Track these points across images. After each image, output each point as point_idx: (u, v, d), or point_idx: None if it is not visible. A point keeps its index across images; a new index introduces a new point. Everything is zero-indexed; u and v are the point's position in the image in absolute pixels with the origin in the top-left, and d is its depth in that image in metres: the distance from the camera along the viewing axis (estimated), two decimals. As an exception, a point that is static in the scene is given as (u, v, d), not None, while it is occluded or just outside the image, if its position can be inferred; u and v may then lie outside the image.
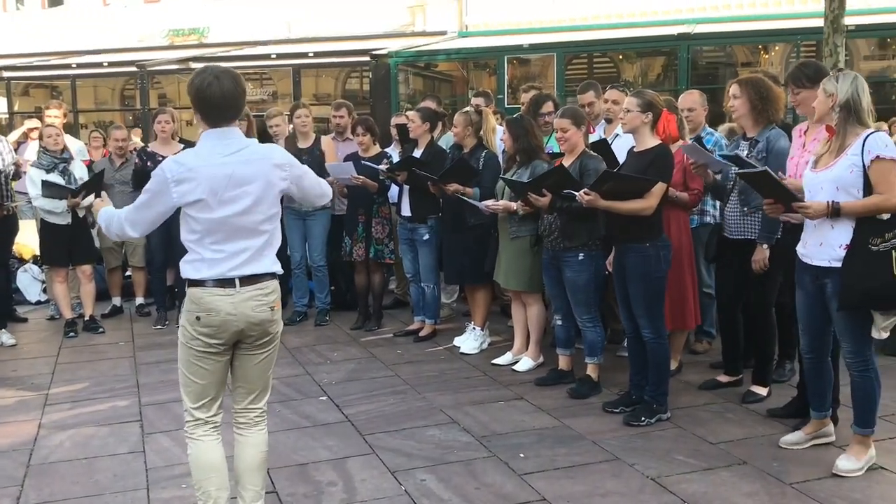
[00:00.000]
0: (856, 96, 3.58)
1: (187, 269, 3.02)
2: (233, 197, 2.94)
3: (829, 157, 3.65)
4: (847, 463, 3.71)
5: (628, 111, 4.42)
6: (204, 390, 3.07)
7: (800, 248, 3.83)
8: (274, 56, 13.87)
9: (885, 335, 3.64)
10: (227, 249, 2.97)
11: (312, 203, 3.51)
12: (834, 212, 3.55)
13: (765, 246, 4.49)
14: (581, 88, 6.20)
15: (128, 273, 7.76)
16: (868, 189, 3.53)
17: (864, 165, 3.52)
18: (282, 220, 7.18)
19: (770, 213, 3.94)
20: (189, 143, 6.47)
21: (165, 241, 6.66)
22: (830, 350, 3.90)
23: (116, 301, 7.60)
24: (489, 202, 5.49)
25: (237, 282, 2.97)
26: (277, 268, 3.11)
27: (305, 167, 3.27)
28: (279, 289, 3.13)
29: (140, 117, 14.09)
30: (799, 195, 3.72)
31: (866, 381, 3.69)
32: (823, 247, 3.65)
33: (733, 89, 4.63)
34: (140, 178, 6.38)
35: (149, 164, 6.51)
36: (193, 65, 11.76)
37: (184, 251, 3.06)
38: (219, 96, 2.92)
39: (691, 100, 5.44)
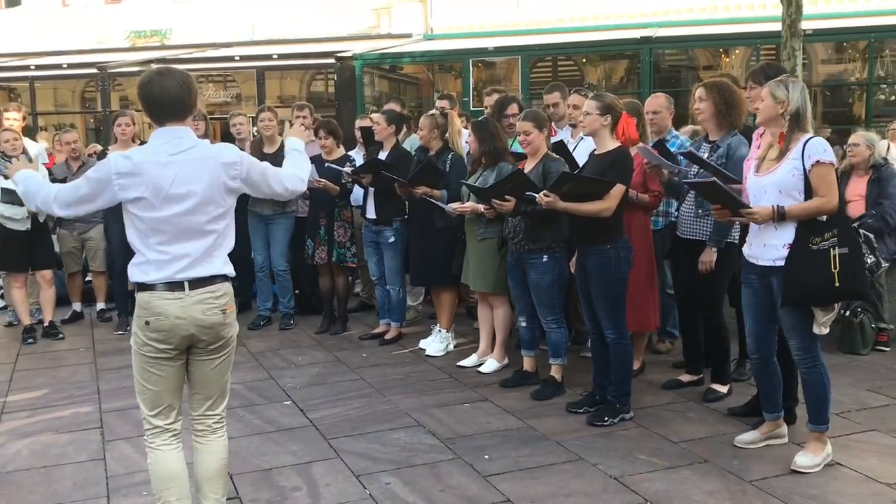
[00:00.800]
0: (804, 106, 3.71)
1: (135, 272, 2.98)
2: (176, 196, 2.90)
3: (771, 162, 3.76)
4: (805, 459, 3.79)
5: (588, 114, 4.45)
6: (159, 397, 3.03)
7: (745, 249, 3.94)
8: (238, 58, 13.78)
9: (825, 331, 3.74)
10: (172, 251, 2.93)
11: (266, 196, 3.28)
12: (779, 216, 3.67)
13: (713, 249, 4.57)
14: (548, 89, 6.24)
15: (88, 278, 7.63)
16: (809, 191, 3.65)
17: (804, 169, 3.64)
18: (245, 224, 7.08)
19: (719, 219, 4.03)
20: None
21: (126, 246, 6.53)
22: (775, 350, 3.99)
23: (77, 306, 7.47)
24: (456, 205, 5.49)
25: (186, 285, 2.94)
26: (229, 269, 3.07)
27: (265, 164, 3.20)
28: (232, 291, 3.10)
29: (101, 120, 13.91)
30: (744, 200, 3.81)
31: (815, 377, 3.78)
32: (767, 247, 3.77)
33: (699, 92, 4.67)
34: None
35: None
36: (155, 67, 11.65)
37: None
38: (158, 93, 2.91)
39: (657, 103, 5.48)
